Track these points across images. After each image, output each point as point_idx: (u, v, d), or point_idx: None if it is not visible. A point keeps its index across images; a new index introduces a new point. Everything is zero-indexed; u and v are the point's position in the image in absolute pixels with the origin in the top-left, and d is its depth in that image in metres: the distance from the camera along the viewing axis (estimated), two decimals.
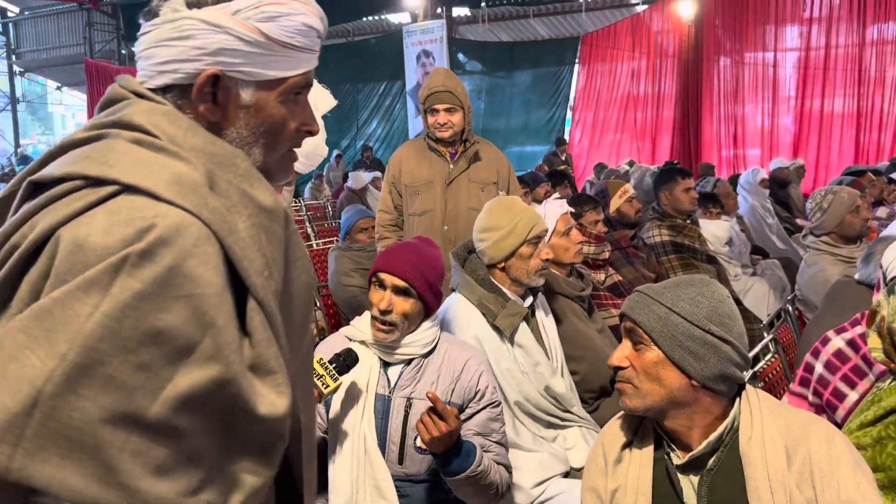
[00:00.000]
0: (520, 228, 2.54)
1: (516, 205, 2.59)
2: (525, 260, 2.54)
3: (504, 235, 2.56)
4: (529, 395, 2.47)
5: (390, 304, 2.04)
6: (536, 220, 2.55)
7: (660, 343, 1.45)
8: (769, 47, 12.28)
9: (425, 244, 2.17)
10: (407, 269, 2.04)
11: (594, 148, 13.86)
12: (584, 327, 2.87)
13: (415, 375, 2.10)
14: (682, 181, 4.28)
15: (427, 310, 2.11)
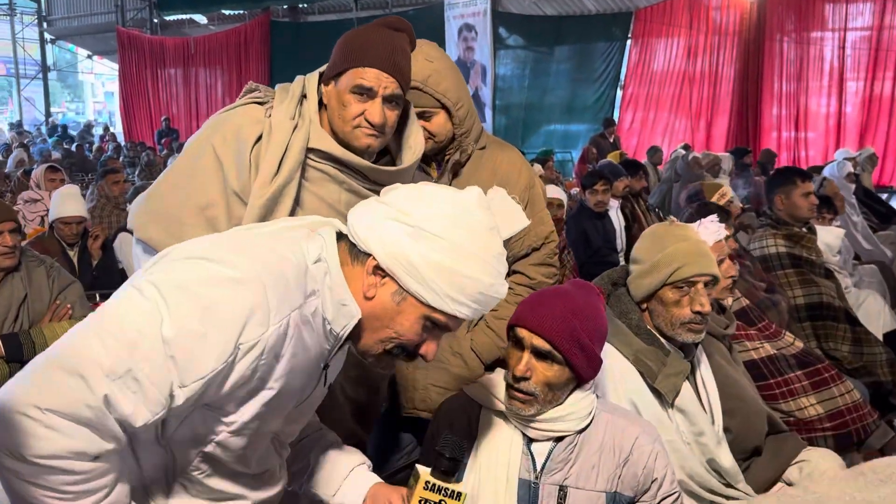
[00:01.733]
0: (662, 265, 2.06)
1: (673, 234, 2.10)
2: (667, 307, 2.06)
3: (645, 271, 2.10)
4: (694, 472, 2.03)
5: (528, 370, 1.60)
6: (688, 260, 2.03)
7: None
8: (837, 26, 11.58)
9: (582, 291, 1.70)
10: (553, 327, 1.59)
11: (646, 129, 13.24)
12: (734, 373, 2.39)
13: (568, 456, 1.66)
14: (801, 184, 3.76)
15: (578, 378, 1.65)
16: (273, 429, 1.25)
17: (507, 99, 14.86)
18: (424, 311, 1.20)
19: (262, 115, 1.76)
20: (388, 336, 1.22)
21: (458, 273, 1.17)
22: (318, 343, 1.22)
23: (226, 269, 1.09)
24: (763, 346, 2.93)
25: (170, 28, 19.77)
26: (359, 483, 1.46)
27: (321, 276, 1.20)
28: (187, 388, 1.04)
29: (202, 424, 1.15)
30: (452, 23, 14.66)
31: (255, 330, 1.07)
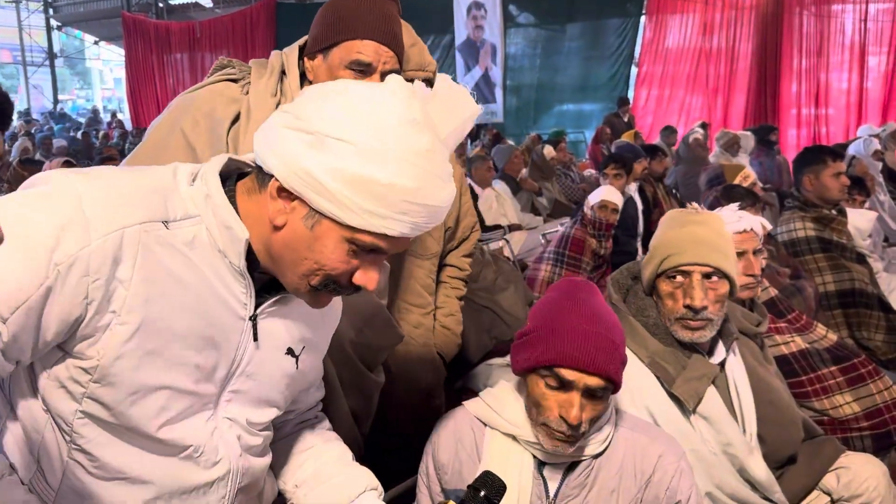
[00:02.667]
0: (656, 253, 1.85)
1: (681, 219, 1.87)
2: (663, 300, 1.85)
3: (646, 260, 1.88)
4: (724, 483, 1.82)
5: (579, 415, 1.38)
6: (682, 248, 1.79)
7: None
8: None
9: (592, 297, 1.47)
10: (607, 362, 1.37)
11: (661, 107, 12.89)
12: (766, 375, 2.17)
13: (585, 480, 1.47)
14: (832, 164, 3.51)
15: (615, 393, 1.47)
16: (170, 383, 1.04)
17: (518, 79, 14.54)
18: (344, 234, 1.00)
19: (237, 94, 1.58)
20: (309, 268, 1.03)
21: (372, 181, 0.96)
22: (212, 280, 1.04)
23: (43, 187, 0.97)
24: (794, 340, 2.71)
25: (175, 12, 19.58)
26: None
27: (200, 198, 1.04)
28: (11, 321, 0.92)
29: (66, 374, 0.99)
30: (461, 1, 14.35)
31: (70, 245, 0.93)
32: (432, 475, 1.55)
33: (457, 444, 1.53)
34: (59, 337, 0.97)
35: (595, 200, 4.27)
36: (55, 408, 1.02)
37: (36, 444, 1.04)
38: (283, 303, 1.13)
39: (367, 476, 1.32)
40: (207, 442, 1.10)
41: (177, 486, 1.09)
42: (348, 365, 1.72)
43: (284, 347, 1.17)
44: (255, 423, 1.17)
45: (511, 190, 6.33)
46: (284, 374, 1.19)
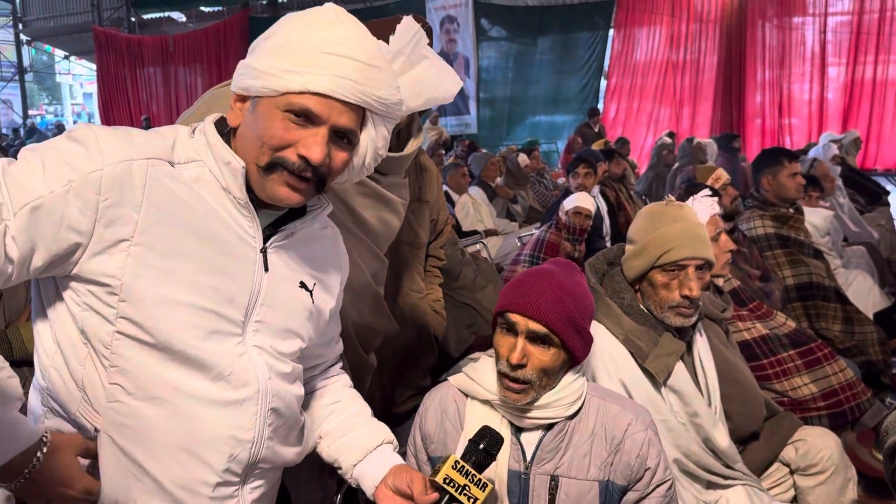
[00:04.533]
0: (652, 247, 2.00)
1: (668, 214, 2.03)
2: (656, 290, 2.01)
3: (637, 252, 2.05)
4: (690, 451, 1.97)
5: (524, 357, 1.53)
6: (679, 242, 1.96)
7: None
8: (818, 11, 11.61)
9: (567, 270, 1.63)
10: (548, 310, 1.51)
11: (630, 119, 13.19)
12: (732, 356, 2.35)
13: (559, 444, 1.58)
14: (788, 165, 3.73)
15: (573, 359, 1.59)
16: (189, 299, 1.15)
17: (492, 91, 14.79)
18: (277, 103, 1.13)
19: None
20: (257, 148, 1.15)
21: (286, 46, 1.12)
22: (220, 212, 1.18)
23: (67, 132, 1.14)
24: (755, 327, 2.90)
25: (147, 27, 19.53)
26: (384, 460, 1.39)
27: (201, 146, 1.19)
28: (18, 215, 1.04)
29: (97, 301, 1.12)
30: (434, 14, 14.56)
31: (85, 167, 1.08)
32: (419, 445, 1.68)
33: (441, 415, 1.65)
34: (70, 251, 1.08)
35: (570, 206, 4.42)
36: (94, 334, 1.13)
37: (80, 376, 1.15)
38: (290, 238, 1.26)
39: (384, 431, 1.45)
40: (236, 363, 1.20)
41: (209, 401, 1.18)
42: (349, 342, 1.86)
43: (297, 281, 1.29)
44: (282, 352, 1.28)
45: (487, 196, 6.49)
46: (302, 307, 1.30)
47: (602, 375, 1.92)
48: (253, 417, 1.23)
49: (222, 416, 1.20)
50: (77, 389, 1.16)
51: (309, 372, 1.44)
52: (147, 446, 1.16)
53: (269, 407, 1.25)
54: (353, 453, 1.40)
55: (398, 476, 1.35)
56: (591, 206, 4.41)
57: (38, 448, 1.09)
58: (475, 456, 1.33)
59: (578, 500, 1.56)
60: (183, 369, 1.16)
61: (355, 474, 1.40)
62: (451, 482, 1.28)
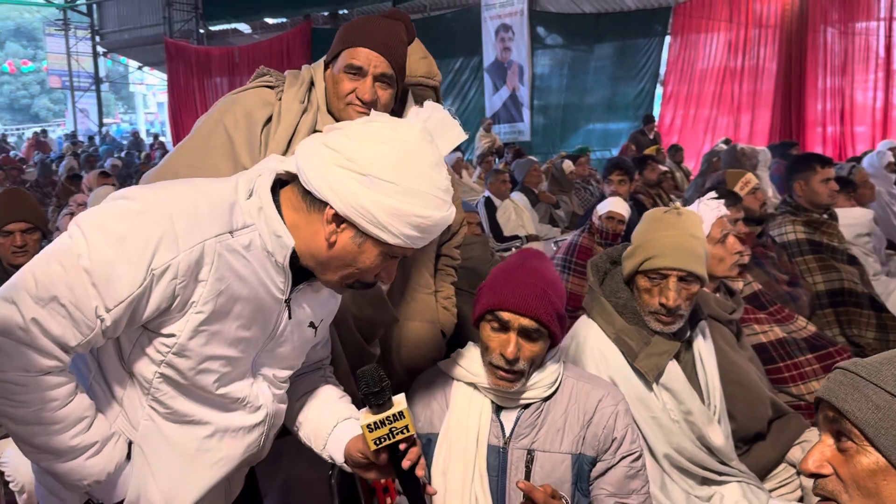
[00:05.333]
0: (639, 251, 2.06)
1: (665, 221, 2.07)
2: (640, 293, 2.06)
3: (629, 253, 2.11)
4: (682, 447, 2.02)
5: (518, 350, 1.64)
6: (663, 252, 1.99)
7: (878, 443, 1.01)
8: (882, 15, 11.21)
9: (541, 261, 1.74)
10: (538, 306, 1.62)
11: (687, 125, 13.01)
12: (737, 358, 2.38)
13: (535, 421, 1.70)
14: (820, 170, 3.69)
15: (554, 343, 1.72)
16: (227, 353, 1.31)
17: (546, 98, 14.80)
18: (383, 249, 1.30)
19: (272, 98, 1.84)
20: (350, 273, 1.33)
21: (410, 213, 1.26)
22: (261, 274, 1.30)
23: (134, 204, 1.21)
24: (773, 330, 2.89)
25: (215, 38, 20.24)
26: (342, 437, 1.51)
27: (255, 210, 1.30)
28: (113, 311, 1.17)
29: (150, 346, 1.26)
30: (489, 23, 14.68)
31: (164, 255, 1.18)
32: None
33: (429, 397, 1.79)
34: (146, 320, 1.23)
35: (603, 211, 4.44)
36: (139, 371, 1.29)
37: (120, 396, 1.32)
38: (310, 288, 1.43)
39: (341, 409, 1.56)
40: (250, 393, 1.40)
41: (228, 427, 1.38)
42: (350, 335, 1.98)
43: (308, 322, 1.46)
44: (279, 378, 1.47)
45: (530, 202, 6.56)
46: (305, 342, 1.49)
47: (592, 371, 1.98)
48: (259, 437, 1.45)
49: (237, 439, 1.41)
50: (116, 405, 1.33)
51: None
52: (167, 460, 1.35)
53: (270, 425, 1.47)
54: (319, 438, 1.55)
55: (351, 451, 1.46)
56: (624, 212, 4.43)
57: None
58: (370, 403, 1.35)
59: (552, 472, 1.67)
60: (210, 403, 1.36)
61: (326, 455, 1.54)
62: (380, 441, 1.33)
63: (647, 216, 2.18)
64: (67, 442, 1.23)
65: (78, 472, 1.26)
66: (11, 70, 33.07)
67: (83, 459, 1.26)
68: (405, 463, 1.36)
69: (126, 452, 1.33)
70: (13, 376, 1.16)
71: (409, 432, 1.35)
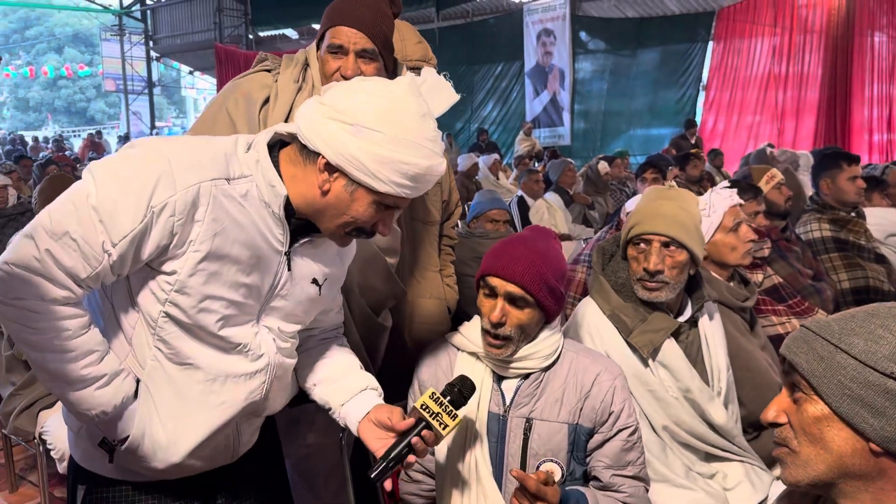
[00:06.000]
0: (628, 222, 2.14)
1: (655, 194, 2.15)
2: (629, 263, 2.13)
3: (624, 228, 2.18)
4: (681, 419, 2.07)
5: (503, 316, 1.72)
6: (643, 219, 2.07)
7: (822, 392, 1.07)
8: None
9: (542, 236, 1.82)
10: (523, 273, 1.69)
11: (729, 131, 12.89)
12: (747, 344, 2.42)
13: (534, 391, 1.77)
14: (847, 168, 3.69)
15: (547, 316, 1.77)
16: (227, 296, 1.40)
17: (587, 103, 14.81)
18: (374, 197, 1.37)
19: (270, 81, 1.97)
20: (346, 221, 1.40)
21: (398, 161, 1.33)
22: (259, 224, 1.40)
23: (137, 150, 1.34)
24: (790, 322, 2.92)
25: (263, 43, 20.67)
26: (367, 401, 1.61)
27: (252, 162, 1.40)
28: (118, 246, 1.27)
29: (155, 284, 1.36)
30: (531, 28, 14.76)
31: (163, 193, 1.28)
32: (416, 391, 1.90)
33: (435, 366, 1.88)
34: (150, 257, 1.31)
35: (631, 208, 4.47)
36: (146, 309, 1.37)
37: (129, 334, 1.41)
38: (310, 244, 1.49)
39: (368, 378, 1.67)
40: (252, 341, 1.47)
41: (230, 372, 1.45)
42: (357, 304, 2.08)
43: (310, 278, 1.53)
44: (284, 332, 1.55)
45: (564, 202, 6.61)
46: (309, 298, 1.55)
47: (588, 346, 2.05)
48: (262, 385, 1.51)
49: (239, 384, 1.48)
50: (127, 344, 1.43)
51: (307, 333, 1.70)
52: (172, 400, 1.43)
53: (273, 376, 1.54)
54: (341, 396, 1.63)
55: (379, 411, 1.57)
56: None
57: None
58: (451, 395, 1.54)
59: (549, 440, 1.75)
60: (212, 346, 1.44)
61: (342, 413, 1.63)
62: (426, 408, 1.50)
63: (644, 192, 2.26)
64: (78, 371, 1.33)
65: (87, 401, 1.36)
66: (69, 74, 34.24)
67: (92, 389, 1.35)
68: (415, 439, 1.48)
69: (134, 389, 1.42)
70: (30, 304, 1.27)
71: (442, 431, 1.50)
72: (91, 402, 1.37)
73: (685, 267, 2.08)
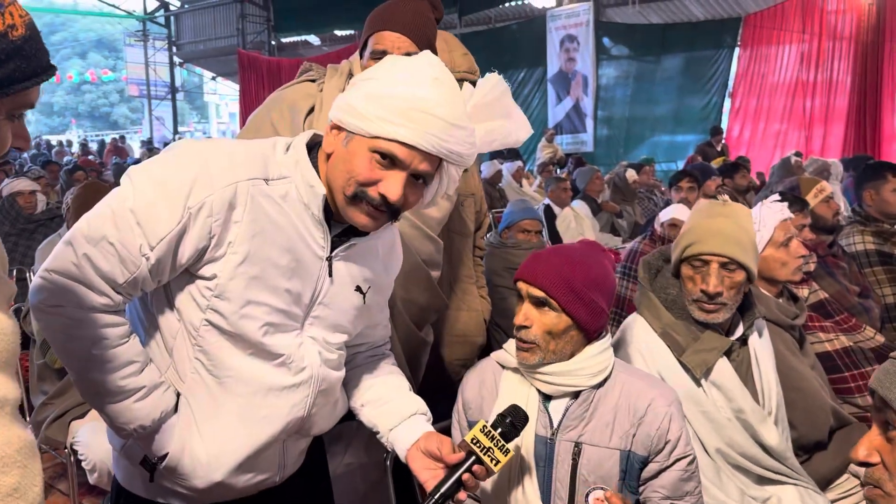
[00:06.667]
0: (683, 240, 2.06)
1: (710, 210, 2.07)
2: (684, 282, 2.05)
3: (675, 244, 2.11)
4: (734, 441, 2.00)
5: (527, 319, 1.68)
6: (702, 238, 1.99)
7: None
8: None
9: (585, 246, 1.77)
10: (545, 276, 1.65)
11: (756, 138, 12.73)
12: (798, 364, 2.33)
13: (583, 413, 1.69)
14: (892, 179, 3.58)
15: (581, 327, 1.68)
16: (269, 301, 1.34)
17: (610, 109, 14.70)
18: (368, 144, 1.28)
19: (314, 91, 1.94)
20: (345, 179, 1.31)
21: (387, 96, 1.26)
22: (299, 227, 1.35)
23: (175, 152, 1.32)
24: (838, 339, 2.83)
25: (286, 49, 20.77)
26: (416, 427, 1.55)
27: (292, 164, 1.36)
28: (156, 249, 1.25)
29: (196, 290, 1.32)
30: (554, 34, 14.69)
31: (199, 194, 1.25)
32: (461, 411, 1.84)
33: (480, 385, 1.81)
34: (189, 261, 1.28)
35: (665, 218, 4.39)
36: (187, 317, 1.33)
37: (170, 346, 1.36)
38: (353, 249, 1.43)
39: (418, 403, 1.61)
40: (295, 352, 1.41)
41: (271, 384, 1.39)
42: (399, 319, 2.03)
43: (353, 285, 1.47)
44: (330, 343, 1.48)
45: (591, 210, 6.54)
46: (353, 307, 1.49)
47: (640, 366, 1.98)
48: (305, 399, 1.45)
49: (281, 398, 1.42)
50: (168, 356, 1.38)
51: (354, 349, 1.64)
52: (212, 415, 1.38)
53: (318, 389, 1.47)
54: (390, 420, 1.57)
55: (429, 440, 1.50)
56: (683, 217, 4.38)
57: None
58: (502, 427, 1.47)
59: (599, 466, 1.67)
60: (254, 356, 1.38)
61: (390, 438, 1.56)
62: (477, 443, 1.44)
63: (694, 207, 2.19)
64: (117, 382, 1.30)
65: (125, 413, 1.32)
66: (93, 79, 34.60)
67: (131, 402, 1.31)
68: (465, 476, 1.41)
69: (174, 403, 1.37)
70: (70, 311, 1.24)
71: (494, 466, 1.43)
72: (129, 416, 1.33)
73: (742, 287, 2.01)
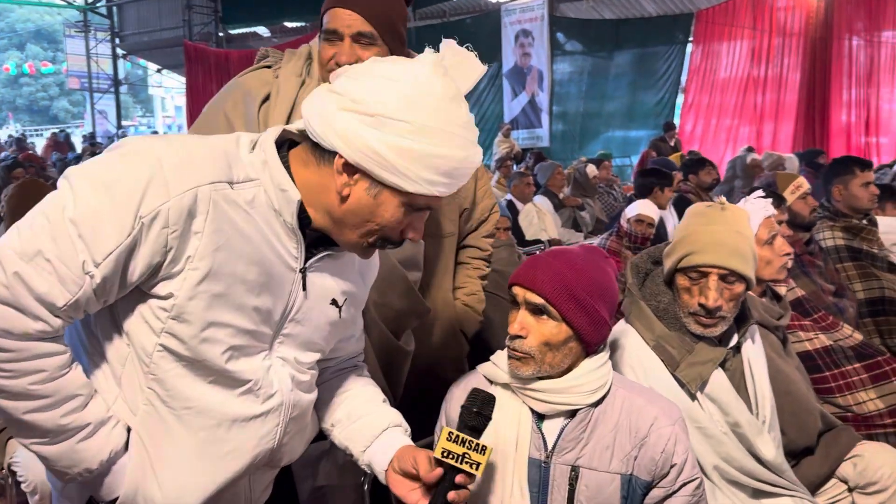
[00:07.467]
0: (678, 248, 1.92)
1: (707, 216, 1.93)
2: (679, 293, 1.92)
3: (668, 251, 1.98)
4: (731, 457, 1.90)
5: (523, 328, 1.52)
6: (701, 248, 1.85)
7: None
8: None
9: (586, 251, 1.62)
10: (544, 281, 1.51)
11: (708, 134, 12.88)
12: (785, 366, 2.25)
13: (580, 435, 1.55)
14: (860, 174, 3.57)
15: (581, 339, 1.54)
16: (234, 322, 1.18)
17: (565, 105, 14.73)
18: (403, 199, 1.17)
19: (270, 77, 1.80)
20: (370, 229, 1.20)
21: (429, 154, 1.13)
22: (269, 236, 1.19)
23: (122, 150, 1.12)
24: (818, 337, 2.77)
25: (234, 41, 20.29)
26: (388, 444, 1.40)
27: (259, 164, 1.18)
28: (102, 266, 1.06)
29: (149, 311, 1.14)
30: (509, 29, 14.65)
31: (153, 201, 1.07)
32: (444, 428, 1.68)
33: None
34: (141, 278, 1.10)
35: (632, 214, 4.34)
36: (138, 342, 1.15)
37: (119, 374, 1.18)
38: (329, 258, 1.27)
39: (392, 414, 1.45)
40: (263, 377, 1.25)
41: (237, 415, 1.23)
42: (373, 326, 1.84)
43: (329, 298, 1.31)
44: (302, 363, 1.32)
45: (553, 206, 6.46)
46: (328, 322, 1.33)
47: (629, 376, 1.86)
48: (275, 429, 1.29)
49: (248, 430, 1.25)
50: (115, 386, 1.20)
51: (325, 363, 1.47)
52: (169, 452, 1.21)
53: (290, 416, 1.31)
54: (361, 440, 1.42)
55: (403, 459, 1.35)
56: (653, 215, 4.33)
57: None
58: (469, 420, 1.31)
59: (598, 492, 1.53)
60: (216, 384, 1.21)
61: (365, 461, 1.42)
62: (449, 454, 1.27)
63: (689, 211, 2.05)
64: (57, 420, 1.12)
65: (68, 456, 1.15)
66: (31, 72, 33.36)
67: (73, 442, 1.14)
68: (451, 495, 1.25)
69: (124, 440, 1.20)
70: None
71: (475, 472, 1.26)
72: (73, 458, 1.15)
73: (741, 297, 1.90)
